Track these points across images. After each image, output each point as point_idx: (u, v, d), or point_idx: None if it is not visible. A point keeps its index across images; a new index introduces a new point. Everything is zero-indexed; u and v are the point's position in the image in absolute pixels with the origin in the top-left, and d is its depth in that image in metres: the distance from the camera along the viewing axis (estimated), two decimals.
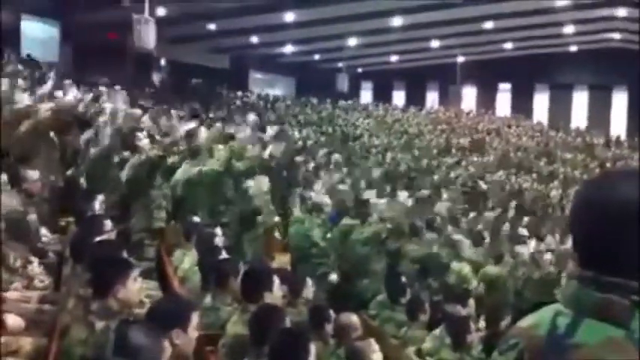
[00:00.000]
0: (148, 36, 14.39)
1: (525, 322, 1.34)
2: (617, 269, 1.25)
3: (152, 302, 3.76)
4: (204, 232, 6.49)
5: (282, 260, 7.45)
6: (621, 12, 24.43)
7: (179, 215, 7.56)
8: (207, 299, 5.00)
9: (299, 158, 11.19)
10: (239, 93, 25.25)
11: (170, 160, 8.02)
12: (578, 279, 1.30)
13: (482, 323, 7.30)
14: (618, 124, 30.63)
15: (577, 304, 1.27)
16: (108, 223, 5.46)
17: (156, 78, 24.80)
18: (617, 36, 28.34)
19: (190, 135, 8.40)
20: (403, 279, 7.10)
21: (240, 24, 22.53)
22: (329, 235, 7.85)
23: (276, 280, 4.53)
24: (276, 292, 4.49)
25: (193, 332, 3.28)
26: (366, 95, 34.10)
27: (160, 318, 3.19)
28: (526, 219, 12.38)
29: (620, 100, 31.32)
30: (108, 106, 10.03)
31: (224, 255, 5.61)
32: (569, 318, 1.26)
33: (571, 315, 1.26)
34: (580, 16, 24.86)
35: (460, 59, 30.98)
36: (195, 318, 3.31)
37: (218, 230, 6.47)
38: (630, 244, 1.24)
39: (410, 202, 10.80)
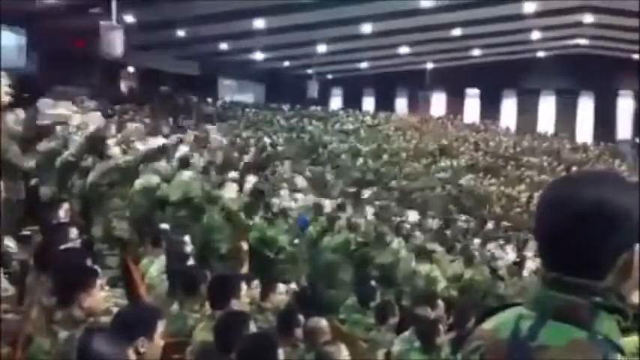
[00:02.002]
0: (115, 43, 14.26)
1: (488, 324, 1.33)
2: (580, 270, 1.24)
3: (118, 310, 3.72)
4: (173, 239, 6.45)
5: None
6: (588, 18, 24.84)
7: (145, 222, 7.50)
8: (175, 306, 4.97)
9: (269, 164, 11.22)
10: (209, 100, 25.16)
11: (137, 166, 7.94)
12: (541, 280, 1.29)
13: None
14: (584, 128, 31.09)
15: (540, 306, 1.26)
16: (73, 231, 5.40)
17: (124, 85, 24.59)
18: (583, 42, 28.80)
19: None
20: (373, 283, 7.13)
21: (210, 31, 22.43)
22: (296, 241, 7.85)
23: (243, 287, 4.51)
24: (243, 299, 4.47)
25: (159, 340, 3.25)
26: (336, 101, 34.20)
27: (125, 326, 3.16)
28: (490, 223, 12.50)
29: (586, 105, 31.81)
30: (76, 115, 9.91)
31: (191, 262, 5.58)
32: (532, 320, 1.25)
33: (534, 317, 1.25)
34: (547, 22, 25.21)
35: (429, 65, 31.22)
36: (161, 326, 3.28)
37: (186, 238, 6.44)
38: (593, 246, 1.24)
39: (374, 209, 10.84)
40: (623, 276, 1.24)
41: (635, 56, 28.85)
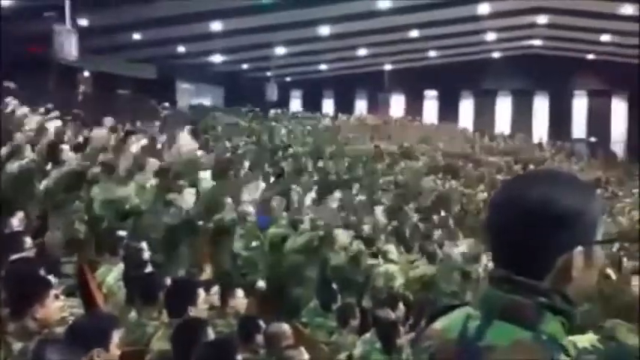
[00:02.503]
0: (70, 47, 14.06)
1: (438, 324, 1.33)
2: (527, 270, 1.25)
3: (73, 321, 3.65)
4: (131, 246, 6.36)
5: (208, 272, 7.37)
6: (541, 19, 25.30)
7: (101, 230, 7.38)
8: (133, 314, 4.89)
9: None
10: (166, 103, 24.91)
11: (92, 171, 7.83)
12: (489, 279, 1.29)
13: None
14: (540, 127, 31.64)
15: (486, 306, 1.26)
16: (27, 240, 5.28)
17: (79, 90, 24.18)
18: (537, 42, 29.32)
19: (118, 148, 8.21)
20: (334, 286, 7.13)
21: (167, 33, 22.24)
22: (255, 244, 7.81)
23: (202, 293, 4.46)
24: (201, 306, 4.42)
25: (115, 350, 3.20)
26: (296, 104, 34.22)
27: (79, 336, 3.10)
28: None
29: (541, 105, 32.37)
30: (31, 120, 9.75)
31: (149, 269, 5.51)
32: (479, 320, 1.25)
33: (481, 317, 1.26)
34: (502, 23, 25.62)
35: (388, 67, 31.45)
36: (117, 335, 3.22)
37: (144, 244, 6.35)
38: (540, 245, 1.24)
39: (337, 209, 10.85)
40: (563, 278, 1.25)
41: (589, 56, 29.52)
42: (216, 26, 21.82)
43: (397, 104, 33.94)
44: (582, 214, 1.25)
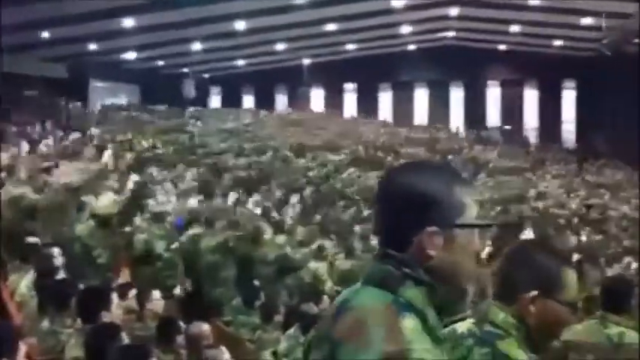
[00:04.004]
0: None
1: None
2: (396, 245, 1.44)
3: None
4: (42, 252, 6.11)
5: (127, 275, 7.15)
6: (453, 11, 25.85)
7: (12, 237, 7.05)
8: (45, 322, 4.70)
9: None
10: (78, 103, 24.15)
11: None
12: (373, 255, 1.51)
13: None
14: (457, 118, 32.38)
15: (367, 276, 1.47)
16: None
17: None
18: (451, 34, 29.95)
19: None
20: (256, 283, 7.07)
21: (77, 31, 21.55)
22: (174, 245, 7.65)
23: (115, 298, 4.32)
24: (115, 310, 4.28)
25: None
26: (216, 100, 33.83)
27: None
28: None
29: (457, 95, 33.12)
30: None
31: (62, 275, 5.30)
32: (358, 287, 1.47)
33: (360, 285, 1.46)
34: (415, 16, 26.05)
35: (306, 61, 31.49)
36: (23, 345, 3.07)
37: (56, 250, 6.10)
38: (402, 224, 1.44)
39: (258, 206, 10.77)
40: (421, 255, 1.42)
41: (501, 47, 30.40)
42: (128, 22, 21.30)
43: (317, 98, 34.05)
44: (436, 199, 1.43)
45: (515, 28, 26.85)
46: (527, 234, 12.92)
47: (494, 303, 1.91)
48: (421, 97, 33.37)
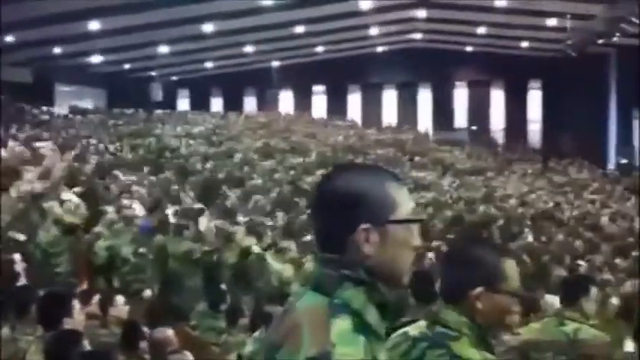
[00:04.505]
0: None
1: None
2: (334, 247, 1.45)
3: None
4: (3, 258, 6.02)
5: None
6: (421, 13, 26.02)
7: None
8: (6, 330, 4.64)
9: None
10: (44, 108, 23.82)
11: None
12: (315, 259, 1.52)
13: None
14: (425, 119, 32.59)
15: (310, 280, 1.48)
16: None
17: None
18: (418, 36, 30.15)
19: None
20: (222, 287, 7.05)
21: (42, 34, 21.26)
22: (142, 250, 7.60)
23: (77, 304, 4.28)
24: (77, 317, 4.23)
25: None
26: (184, 103, 33.60)
27: None
28: None
29: (425, 97, 33.33)
30: None
31: (23, 281, 5.24)
32: (303, 291, 1.48)
33: (306, 289, 1.47)
34: (383, 18, 26.16)
35: (275, 64, 31.46)
36: None
37: (17, 256, 6.03)
38: (336, 225, 1.44)
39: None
40: (358, 254, 1.43)
41: (468, 48, 30.68)
42: (94, 25, 21.06)
43: (286, 101, 34.03)
44: (367, 197, 1.44)
45: (481, 30, 27.12)
46: (527, 237, 13.05)
47: (444, 304, 1.92)
48: (390, 98, 33.53)
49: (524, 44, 28.56)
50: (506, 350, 4.10)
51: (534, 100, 32.28)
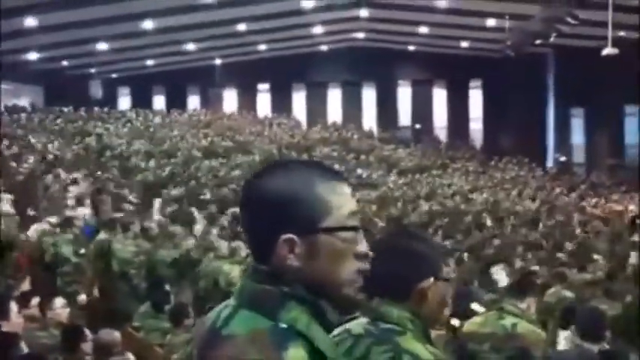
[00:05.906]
0: None
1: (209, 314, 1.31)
2: (262, 257, 1.25)
3: None
4: None
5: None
6: (364, 12, 26.17)
7: None
8: None
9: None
10: None
11: None
12: (247, 268, 1.30)
13: None
14: (369, 117, 32.82)
15: (239, 295, 1.26)
16: None
17: None
18: (361, 35, 30.33)
19: None
20: (166, 287, 6.93)
21: None
22: (83, 251, 7.42)
23: (14, 307, 4.13)
24: (15, 319, 4.09)
25: None
26: (125, 101, 32.99)
27: None
28: None
29: (369, 95, 33.57)
30: None
31: None
32: (230, 309, 1.24)
33: (232, 306, 1.25)
34: (326, 17, 26.22)
35: (218, 62, 31.19)
36: None
37: None
38: (261, 231, 1.25)
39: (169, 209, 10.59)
40: (305, 264, 1.23)
41: (410, 47, 31.02)
42: (30, 22, 20.48)
43: (230, 99, 33.78)
44: (293, 200, 1.24)
45: (423, 30, 27.45)
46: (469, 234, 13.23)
47: (384, 300, 1.85)
48: (334, 97, 33.64)
49: (465, 44, 29.04)
50: (445, 342, 4.17)
51: (475, 98, 32.87)
